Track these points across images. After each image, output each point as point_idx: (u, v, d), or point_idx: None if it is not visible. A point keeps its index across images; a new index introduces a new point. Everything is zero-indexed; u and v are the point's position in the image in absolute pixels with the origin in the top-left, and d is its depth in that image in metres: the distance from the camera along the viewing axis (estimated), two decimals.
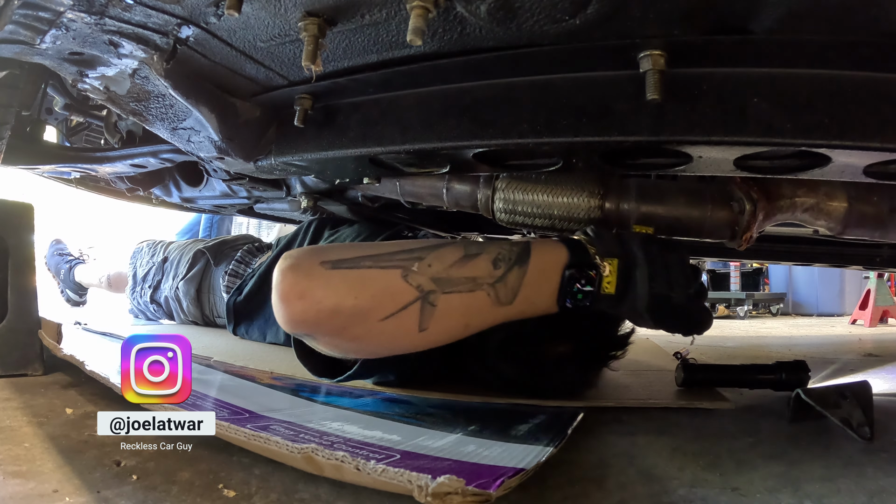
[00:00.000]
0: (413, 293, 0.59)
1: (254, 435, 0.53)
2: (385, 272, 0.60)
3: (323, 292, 0.58)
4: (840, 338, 2.28)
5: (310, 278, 0.59)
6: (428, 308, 0.60)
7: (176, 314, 1.63)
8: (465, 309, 0.62)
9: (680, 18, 0.48)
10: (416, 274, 0.60)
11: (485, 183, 0.86)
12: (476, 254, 0.63)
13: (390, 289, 0.59)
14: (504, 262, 0.63)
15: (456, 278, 0.61)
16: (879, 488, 0.53)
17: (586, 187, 0.83)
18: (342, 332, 0.61)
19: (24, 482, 0.49)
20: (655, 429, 0.73)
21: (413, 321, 0.60)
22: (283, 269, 0.60)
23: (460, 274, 0.61)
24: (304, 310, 0.58)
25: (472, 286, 0.61)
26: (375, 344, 0.64)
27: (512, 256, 0.63)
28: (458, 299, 0.61)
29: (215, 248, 1.56)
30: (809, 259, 1.54)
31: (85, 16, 0.56)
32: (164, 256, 1.67)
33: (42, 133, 1.25)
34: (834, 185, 0.77)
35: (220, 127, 0.72)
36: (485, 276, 0.62)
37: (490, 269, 0.62)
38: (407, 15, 0.46)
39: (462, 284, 0.61)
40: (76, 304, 2.14)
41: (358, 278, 0.59)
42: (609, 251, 0.65)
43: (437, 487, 0.39)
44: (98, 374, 0.76)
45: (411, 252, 0.61)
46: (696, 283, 0.68)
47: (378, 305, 0.59)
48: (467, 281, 0.61)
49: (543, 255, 0.64)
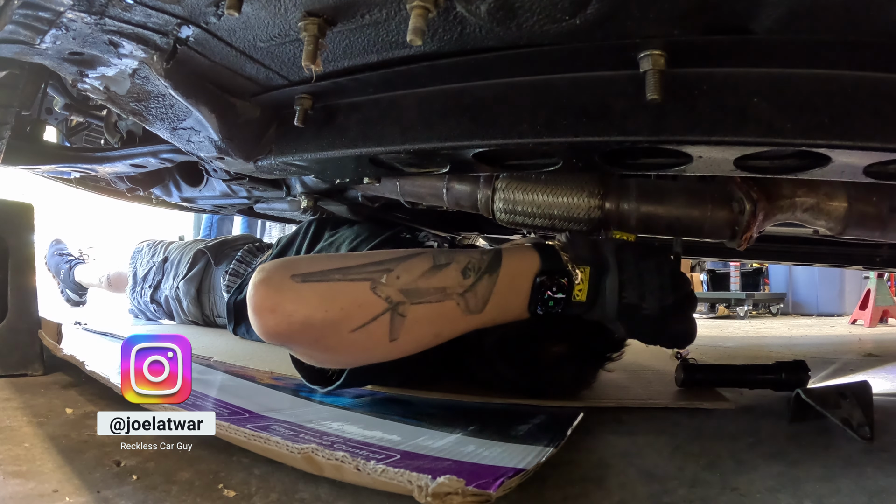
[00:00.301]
0: (382, 305, 0.60)
1: (254, 435, 0.53)
2: (354, 285, 0.60)
3: (293, 306, 0.59)
4: (840, 338, 2.28)
5: (280, 292, 0.60)
6: (398, 319, 0.60)
7: (176, 314, 1.63)
8: (434, 318, 0.63)
9: (680, 18, 0.48)
10: (385, 286, 0.60)
11: (485, 183, 0.86)
12: (445, 264, 0.63)
13: (359, 301, 0.60)
14: (473, 271, 0.63)
15: (424, 289, 0.61)
16: (879, 488, 0.53)
17: (586, 187, 0.82)
18: (315, 344, 0.62)
19: (24, 482, 0.49)
20: (655, 429, 0.73)
21: (383, 332, 0.60)
22: (255, 283, 0.61)
23: (429, 284, 0.61)
24: (276, 323, 0.59)
25: (441, 296, 0.62)
26: (348, 354, 0.65)
27: (482, 265, 0.63)
28: (428, 309, 0.62)
29: (216, 248, 1.56)
30: (809, 259, 1.54)
31: (85, 16, 0.56)
32: (164, 256, 1.67)
33: (42, 133, 1.25)
34: (834, 185, 0.77)
35: (220, 127, 0.72)
36: (454, 286, 0.62)
37: (459, 279, 0.63)
38: (407, 15, 0.46)
39: (431, 295, 0.61)
40: (76, 304, 2.14)
41: (327, 291, 0.60)
42: (581, 258, 0.65)
43: (437, 488, 0.39)
44: (98, 374, 0.76)
45: (380, 264, 0.62)
46: (677, 293, 0.66)
47: (347, 317, 0.60)
48: (436, 291, 0.62)
49: (514, 263, 0.65)
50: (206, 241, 1.65)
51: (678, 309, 0.66)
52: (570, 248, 0.66)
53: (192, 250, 1.60)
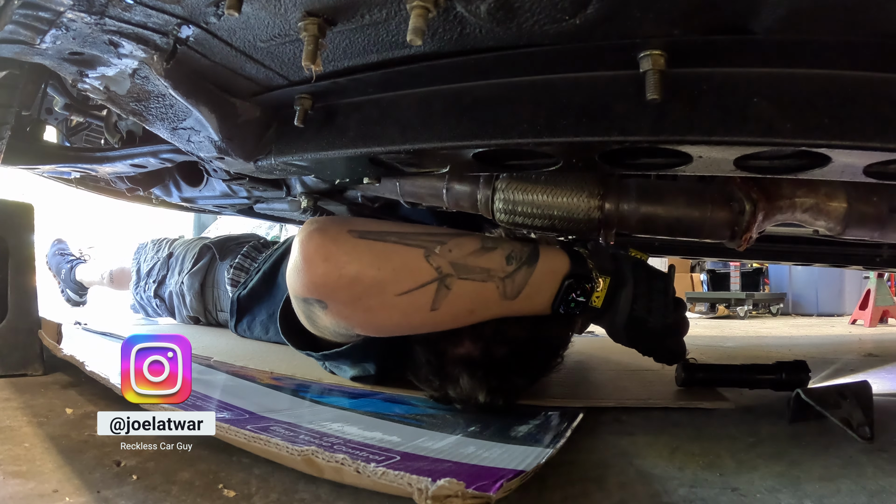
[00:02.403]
0: (432, 273, 0.62)
1: (254, 437, 0.53)
2: (409, 249, 0.63)
3: (347, 258, 0.60)
4: (840, 338, 2.28)
5: (336, 243, 0.61)
6: (443, 290, 0.62)
7: (178, 310, 1.63)
8: (474, 297, 0.65)
9: (680, 18, 0.48)
10: (438, 256, 0.62)
11: (485, 183, 0.86)
12: (492, 247, 0.66)
13: (411, 266, 0.62)
14: (516, 259, 0.66)
15: (472, 266, 0.64)
16: (879, 488, 0.53)
17: (586, 188, 0.82)
18: (357, 302, 0.62)
19: (24, 482, 0.49)
20: (655, 429, 0.73)
21: (427, 300, 0.62)
22: (309, 232, 0.62)
23: (476, 263, 0.64)
24: (325, 272, 0.60)
25: (485, 277, 0.64)
26: (385, 318, 0.65)
27: (523, 256, 0.66)
28: (471, 287, 0.64)
29: (221, 243, 1.57)
30: (809, 259, 1.54)
31: (85, 16, 0.56)
32: (169, 252, 1.68)
33: (42, 133, 1.25)
34: (834, 186, 0.77)
35: (220, 127, 0.72)
36: (497, 270, 0.65)
37: (503, 264, 0.65)
38: (407, 15, 0.46)
39: (477, 273, 0.64)
40: (76, 304, 2.14)
41: (382, 251, 0.62)
42: (604, 268, 0.68)
43: (437, 490, 0.39)
44: (98, 375, 0.76)
45: (434, 235, 0.64)
46: (676, 314, 0.71)
47: (397, 280, 0.61)
48: (482, 271, 0.64)
49: (549, 261, 0.67)
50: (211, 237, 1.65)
51: (675, 328, 0.72)
52: (594, 257, 0.69)
53: (197, 245, 1.60)
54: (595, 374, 1.08)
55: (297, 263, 0.62)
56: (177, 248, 1.67)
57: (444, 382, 0.72)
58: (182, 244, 1.68)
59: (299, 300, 0.66)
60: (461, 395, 0.71)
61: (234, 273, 1.46)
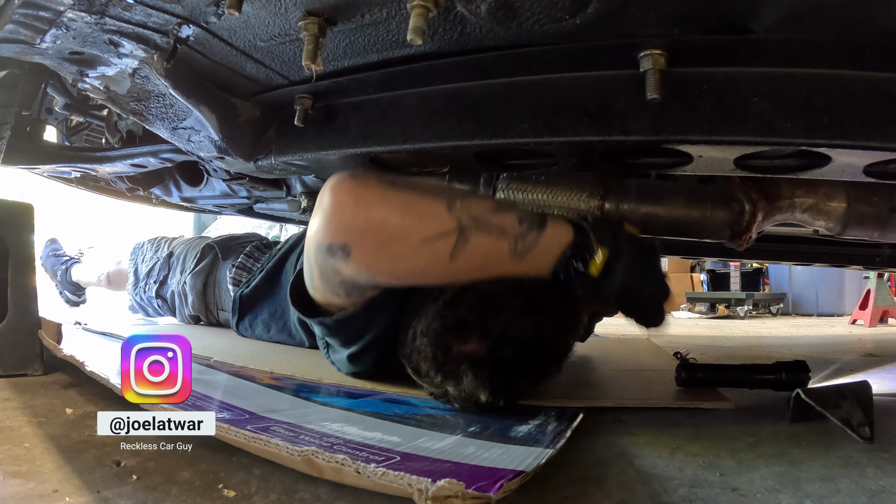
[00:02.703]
0: (453, 223, 0.66)
1: (254, 437, 0.53)
2: (433, 199, 0.67)
3: (377, 202, 0.64)
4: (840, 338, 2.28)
5: (367, 188, 0.65)
6: (462, 241, 0.66)
7: (179, 310, 1.62)
8: (488, 252, 0.68)
9: (680, 18, 0.48)
10: (459, 209, 0.66)
11: (485, 183, 0.86)
12: (506, 209, 0.70)
13: (435, 214, 0.66)
14: (527, 222, 0.70)
15: (489, 223, 0.67)
16: (879, 488, 0.53)
17: (586, 187, 0.83)
18: (381, 247, 0.66)
19: (24, 482, 0.49)
20: (655, 429, 0.73)
21: (447, 250, 0.66)
22: (340, 178, 0.65)
23: (492, 220, 0.68)
24: (354, 213, 0.64)
25: (499, 234, 0.68)
26: (407, 265, 0.69)
27: (532, 220, 0.70)
28: (487, 241, 0.67)
29: (224, 243, 1.56)
30: (809, 259, 1.54)
31: (85, 15, 0.56)
32: (169, 252, 1.67)
33: (42, 133, 1.25)
34: (833, 186, 0.77)
35: (220, 126, 0.72)
36: (511, 229, 0.68)
37: (516, 225, 0.69)
38: (407, 14, 0.46)
39: (493, 230, 0.67)
40: (75, 305, 2.13)
41: (409, 198, 0.66)
42: (603, 241, 0.72)
43: (437, 491, 0.39)
44: (98, 375, 0.76)
45: (454, 191, 0.69)
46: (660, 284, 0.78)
47: (421, 227, 0.65)
48: (497, 228, 0.68)
49: (555, 228, 0.72)
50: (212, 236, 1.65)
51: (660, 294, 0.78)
52: (595, 230, 0.73)
53: (199, 245, 1.59)
54: (595, 374, 1.08)
55: (327, 207, 0.65)
56: (177, 248, 1.67)
57: (447, 379, 0.72)
58: (182, 243, 1.68)
59: (322, 251, 0.68)
60: (462, 394, 0.72)
61: (236, 273, 1.46)
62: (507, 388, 0.73)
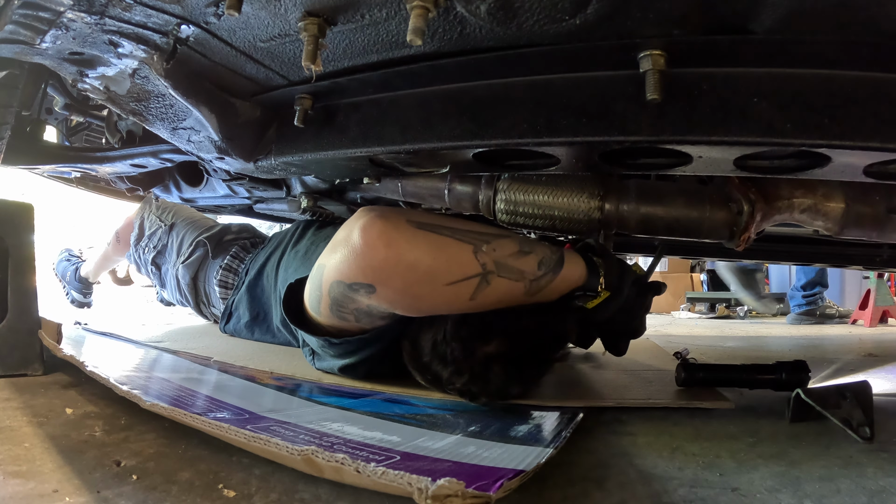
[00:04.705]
0: (477, 268, 0.67)
1: (254, 437, 0.53)
2: (460, 244, 0.68)
3: (408, 246, 0.65)
4: (840, 338, 2.28)
5: (398, 230, 0.65)
6: (483, 284, 0.68)
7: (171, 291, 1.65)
8: (505, 292, 0.71)
9: (680, 18, 0.48)
10: (485, 254, 0.68)
11: (486, 184, 0.86)
12: (528, 252, 0.72)
13: (461, 259, 0.67)
14: (546, 266, 0.72)
15: (511, 267, 0.70)
16: (879, 488, 0.53)
17: (586, 188, 0.83)
18: (408, 289, 0.67)
19: (24, 482, 0.49)
20: (655, 429, 0.73)
21: (468, 291, 0.68)
22: (371, 217, 0.65)
23: (514, 265, 0.70)
24: (386, 258, 0.64)
25: (518, 277, 0.70)
26: (430, 304, 0.71)
27: (551, 264, 0.73)
28: (505, 284, 0.70)
29: (216, 239, 1.57)
30: (809, 259, 1.54)
31: (85, 15, 0.56)
32: (172, 222, 1.67)
33: (42, 133, 1.25)
34: (832, 186, 0.77)
35: (220, 127, 0.72)
36: (529, 273, 0.71)
37: (535, 269, 0.72)
38: (407, 15, 0.46)
39: (513, 274, 0.70)
40: (81, 305, 2.13)
41: (437, 242, 0.67)
42: (610, 284, 0.76)
43: (437, 490, 0.39)
44: (98, 375, 0.76)
45: (480, 234, 0.70)
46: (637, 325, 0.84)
47: (448, 271, 0.67)
48: (518, 272, 0.70)
49: (570, 271, 0.74)
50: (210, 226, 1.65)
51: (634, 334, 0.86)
52: (606, 270, 0.77)
53: (194, 234, 1.60)
54: (595, 374, 1.08)
55: (356, 248, 0.65)
56: (178, 220, 1.67)
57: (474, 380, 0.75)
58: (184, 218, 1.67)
59: (343, 285, 0.69)
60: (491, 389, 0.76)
61: (222, 274, 1.48)
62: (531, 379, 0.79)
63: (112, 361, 1.04)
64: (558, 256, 0.74)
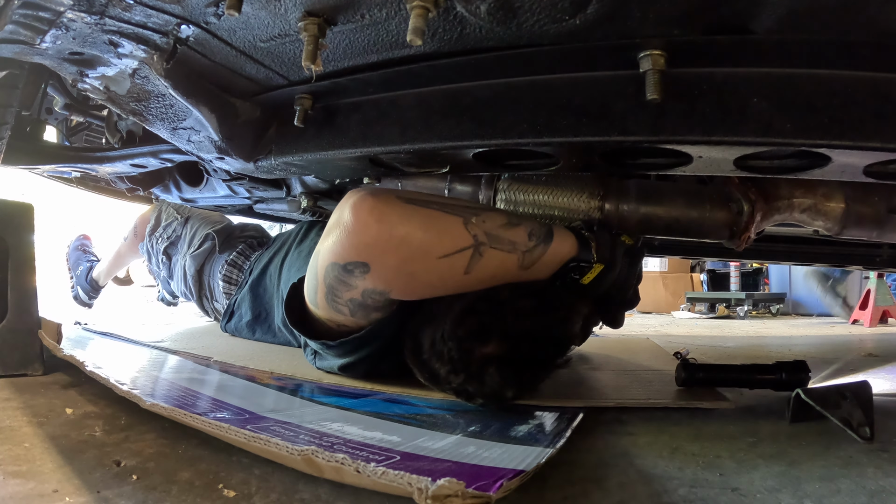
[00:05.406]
0: (469, 240, 0.68)
1: (254, 437, 0.53)
2: (450, 217, 0.68)
3: (399, 220, 0.65)
4: (840, 338, 2.28)
5: (388, 205, 0.66)
6: (477, 256, 0.69)
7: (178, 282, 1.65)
8: (499, 264, 0.71)
9: (680, 18, 0.48)
10: (475, 225, 0.69)
11: (486, 184, 0.86)
12: (517, 223, 0.73)
13: (452, 231, 0.68)
14: (536, 237, 0.73)
15: (502, 237, 0.70)
16: (879, 488, 0.53)
17: (586, 188, 0.83)
18: (402, 265, 0.68)
19: (24, 482, 0.49)
20: (655, 429, 0.73)
21: (462, 264, 0.69)
22: (361, 196, 0.66)
23: (505, 235, 0.71)
24: (378, 232, 0.65)
25: (510, 248, 0.71)
26: (424, 281, 0.71)
27: (541, 234, 0.74)
28: (498, 256, 0.70)
29: (225, 233, 1.59)
30: (809, 259, 1.54)
31: (85, 16, 0.56)
32: (188, 215, 1.69)
33: (42, 133, 1.25)
34: (831, 186, 0.77)
35: (220, 127, 0.72)
36: (521, 244, 0.72)
37: (526, 239, 0.72)
38: (407, 15, 0.46)
39: (505, 245, 0.71)
40: (83, 305, 2.12)
41: (428, 215, 0.68)
42: (602, 256, 0.77)
43: (437, 490, 0.39)
44: (98, 375, 0.76)
45: (469, 207, 0.71)
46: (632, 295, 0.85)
47: (440, 244, 0.67)
48: (509, 243, 0.71)
49: (560, 242, 0.75)
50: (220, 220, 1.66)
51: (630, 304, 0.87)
52: (598, 244, 0.77)
53: (206, 226, 1.62)
54: (595, 374, 1.08)
55: (348, 226, 0.65)
56: (194, 214, 1.70)
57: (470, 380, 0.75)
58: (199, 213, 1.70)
59: (338, 268, 0.69)
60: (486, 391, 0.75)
61: (227, 269, 1.49)
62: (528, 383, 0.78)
63: (112, 361, 1.04)
64: (547, 229, 0.75)
